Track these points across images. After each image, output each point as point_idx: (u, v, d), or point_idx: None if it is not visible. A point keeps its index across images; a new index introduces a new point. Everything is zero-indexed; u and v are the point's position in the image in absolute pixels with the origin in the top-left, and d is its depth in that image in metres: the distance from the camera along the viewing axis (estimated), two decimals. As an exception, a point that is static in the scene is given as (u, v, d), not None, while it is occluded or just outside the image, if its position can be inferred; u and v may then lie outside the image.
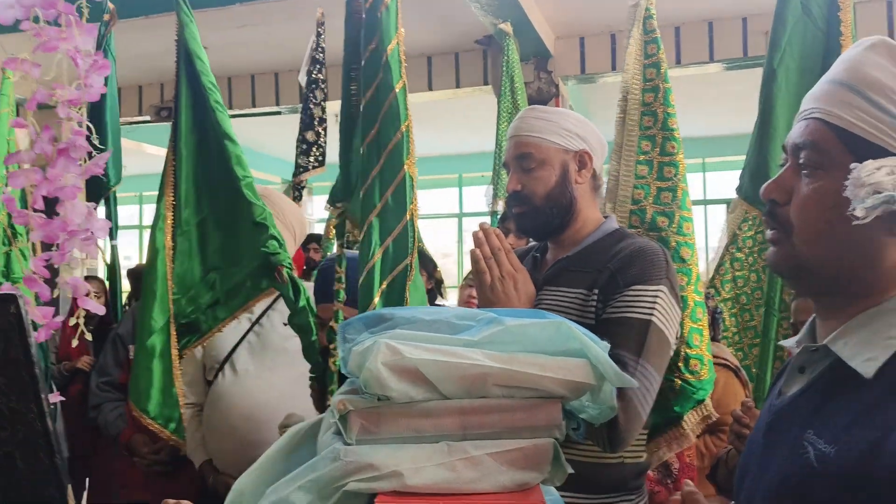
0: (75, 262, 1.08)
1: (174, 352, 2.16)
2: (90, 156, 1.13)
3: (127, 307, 3.56)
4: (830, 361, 0.86)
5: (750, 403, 1.72)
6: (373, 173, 1.79)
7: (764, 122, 2.13)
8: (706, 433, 2.58)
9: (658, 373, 1.42)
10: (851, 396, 0.80)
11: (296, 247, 2.48)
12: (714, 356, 2.66)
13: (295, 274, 2.09)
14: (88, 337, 1.10)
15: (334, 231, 2.04)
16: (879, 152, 0.78)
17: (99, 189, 3.09)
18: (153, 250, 2.18)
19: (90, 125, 1.15)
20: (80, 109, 1.13)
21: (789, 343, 0.94)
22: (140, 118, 6.66)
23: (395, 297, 1.76)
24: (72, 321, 1.13)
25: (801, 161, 0.86)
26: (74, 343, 1.15)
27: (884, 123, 0.79)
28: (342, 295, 1.91)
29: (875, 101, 0.79)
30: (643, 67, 2.13)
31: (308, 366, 2.25)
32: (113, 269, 3.32)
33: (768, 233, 0.91)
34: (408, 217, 1.79)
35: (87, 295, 1.09)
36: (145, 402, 2.15)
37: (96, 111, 3.02)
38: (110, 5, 3.18)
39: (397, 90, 1.81)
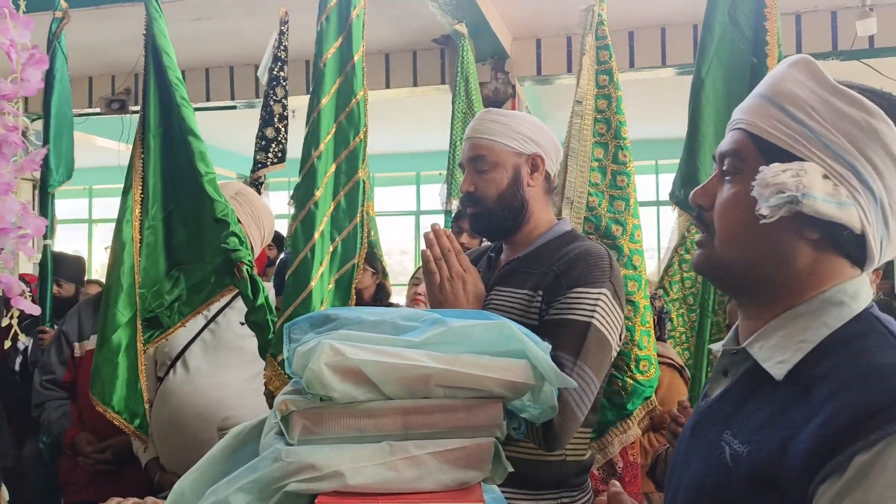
0: (8, 259, 1.05)
1: (139, 346, 2.14)
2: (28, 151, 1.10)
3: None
4: (749, 364, 0.89)
5: (686, 403, 1.77)
6: (328, 173, 1.80)
7: (693, 130, 2.18)
8: (650, 430, 2.64)
9: (595, 374, 1.44)
10: (765, 398, 0.84)
11: (262, 246, 2.46)
12: (660, 355, 2.72)
13: (255, 272, 2.08)
14: (22, 338, 1.07)
15: None
16: (788, 157, 0.83)
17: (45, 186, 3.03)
18: (120, 243, 2.15)
19: (26, 119, 1.12)
20: (16, 104, 1.10)
21: (715, 347, 0.97)
22: (91, 110, 6.50)
23: (342, 294, 1.80)
24: (4, 321, 1.10)
25: (724, 168, 0.91)
26: (7, 344, 1.12)
27: (795, 132, 0.83)
28: None
29: (789, 112, 0.83)
30: (595, 73, 2.16)
31: (263, 366, 2.24)
32: (44, 267, 3.23)
33: (697, 236, 0.95)
34: (358, 219, 1.83)
35: (22, 294, 1.06)
36: (110, 396, 2.12)
37: (46, 106, 3.03)
38: (63, 3, 3.09)
39: (359, 97, 1.83)
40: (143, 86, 2.26)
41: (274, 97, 3.42)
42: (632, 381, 1.97)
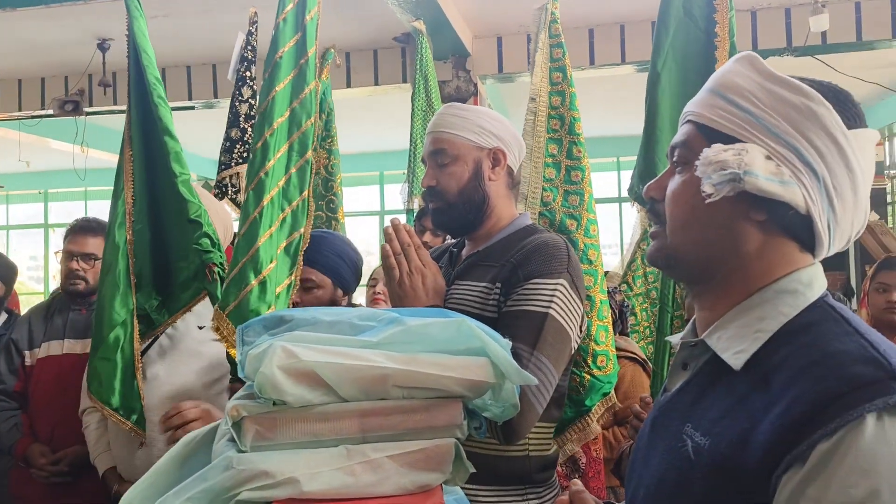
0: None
1: (136, 344, 2.13)
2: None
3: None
4: (709, 356, 0.89)
5: (648, 399, 1.78)
6: (281, 150, 1.93)
7: (650, 125, 2.18)
8: (614, 425, 2.65)
9: (554, 365, 1.43)
10: (725, 389, 0.84)
11: (224, 245, 2.41)
12: (622, 349, 2.74)
13: (225, 272, 2.06)
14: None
15: None
16: (732, 141, 0.85)
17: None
18: (113, 247, 2.15)
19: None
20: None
21: (674, 340, 0.97)
22: (43, 112, 6.34)
23: (291, 260, 1.92)
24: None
25: (674, 160, 0.93)
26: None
27: (736, 117, 0.86)
28: None
29: (732, 101, 0.86)
30: (549, 71, 2.16)
31: (224, 370, 2.19)
32: None
33: (651, 229, 0.96)
34: (306, 195, 1.96)
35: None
36: (108, 394, 2.10)
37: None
38: None
39: (311, 87, 1.98)
40: (128, 86, 2.27)
41: (240, 97, 3.36)
42: (589, 377, 1.96)
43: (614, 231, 10.40)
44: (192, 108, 6.26)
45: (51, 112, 6.13)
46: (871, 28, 4.92)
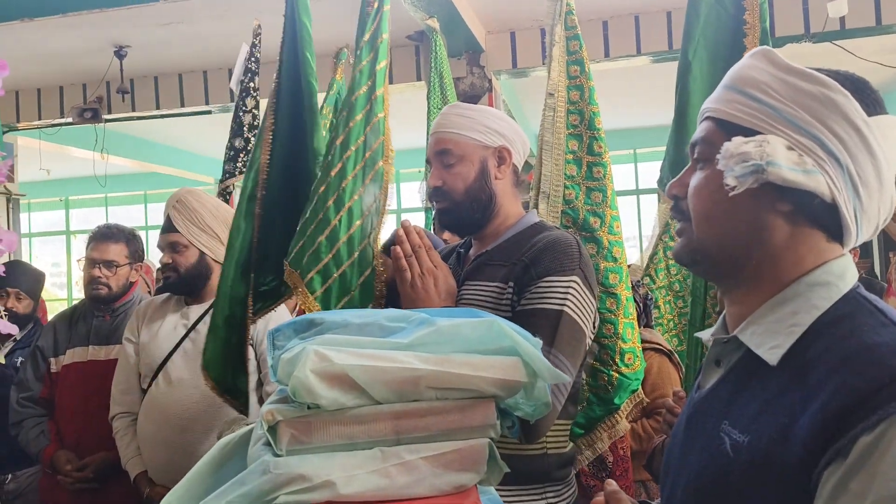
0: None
1: (249, 324, 2.09)
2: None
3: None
4: (742, 352, 0.88)
5: (681, 393, 1.76)
6: (357, 168, 1.92)
7: (681, 115, 2.13)
8: (643, 417, 2.64)
9: (571, 362, 1.43)
10: (761, 385, 0.83)
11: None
12: (648, 341, 2.72)
13: None
14: (1, 360, 1.03)
15: None
16: (751, 133, 0.85)
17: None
18: (240, 217, 2.09)
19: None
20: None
21: (704, 336, 0.96)
22: (62, 120, 6.41)
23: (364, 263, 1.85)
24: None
25: (695, 157, 0.93)
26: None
27: (754, 110, 0.86)
28: None
29: (749, 94, 0.87)
30: (567, 65, 2.13)
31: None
32: None
33: (676, 226, 0.96)
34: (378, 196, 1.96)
35: (-8, 313, 1.02)
36: (211, 368, 2.07)
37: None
38: None
39: (380, 116, 1.98)
40: (280, 54, 2.21)
41: (243, 108, 3.40)
42: (618, 375, 1.94)
43: (633, 223, 10.35)
44: (209, 112, 6.30)
45: (70, 120, 6.20)
46: (891, 12, 4.85)
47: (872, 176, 0.83)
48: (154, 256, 3.30)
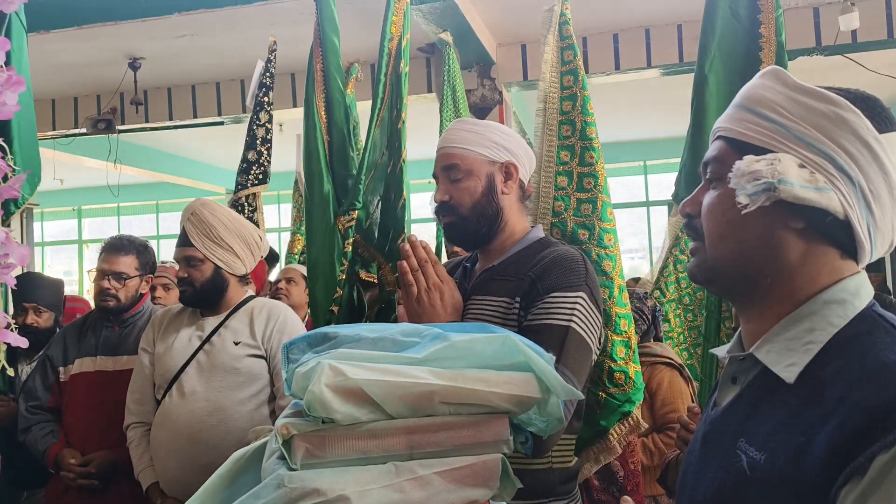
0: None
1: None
2: (6, 177, 1.08)
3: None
4: (759, 369, 0.88)
5: (696, 409, 1.75)
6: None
7: (697, 128, 2.12)
8: (653, 431, 2.63)
9: (577, 377, 1.43)
10: (778, 402, 0.83)
11: (257, 260, 2.45)
12: (658, 355, 2.71)
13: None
14: (10, 372, 1.04)
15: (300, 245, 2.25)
16: (762, 152, 0.86)
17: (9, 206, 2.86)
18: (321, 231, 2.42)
19: (4, 145, 1.09)
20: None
21: (720, 353, 0.96)
22: (76, 131, 6.47)
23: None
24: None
25: (708, 176, 0.93)
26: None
27: (766, 129, 0.87)
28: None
29: (760, 113, 0.87)
30: (560, 74, 2.10)
31: (261, 385, 2.22)
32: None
33: (690, 245, 0.97)
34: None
35: (7, 327, 1.03)
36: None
37: (4, 124, 2.70)
38: None
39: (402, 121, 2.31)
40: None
41: (257, 121, 3.44)
42: (604, 395, 1.86)
43: (643, 235, 10.33)
44: (221, 123, 6.35)
45: (84, 131, 6.26)
46: (903, 25, 4.85)
47: (885, 192, 0.83)
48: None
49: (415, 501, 0.83)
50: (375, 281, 2.42)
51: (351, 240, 2.41)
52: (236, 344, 2.23)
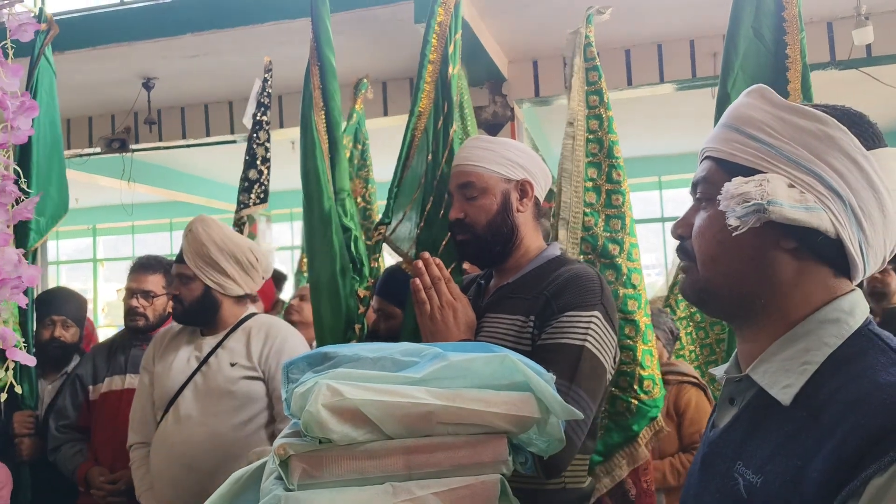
0: (5, 311, 1.03)
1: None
2: (17, 200, 1.08)
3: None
4: (755, 390, 0.87)
5: None
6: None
7: None
8: (680, 451, 2.62)
9: (591, 398, 1.41)
10: (774, 425, 0.82)
11: (265, 278, 2.44)
12: (683, 373, 2.72)
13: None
14: (18, 390, 1.04)
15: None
16: (751, 172, 0.85)
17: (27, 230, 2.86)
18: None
19: (18, 169, 1.10)
20: (7, 153, 1.08)
21: (717, 373, 0.95)
22: (91, 150, 6.53)
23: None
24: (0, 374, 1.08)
25: (697, 196, 0.93)
26: (3, 397, 1.09)
27: (753, 149, 0.86)
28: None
29: (747, 133, 0.87)
30: (586, 94, 2.16)
31: (257, 408, 2.19)
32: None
33: (682, 265, 0.96)
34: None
35: (17, 345, 1.03)
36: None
37: (26, 147, 2.73)
38: (48, 14, 2.78)
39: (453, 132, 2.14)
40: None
41: (257, 141, 3.48)
42: (636, 402, 1.93)
43: (658, 251, 10.28)
44: (234, 141, 6.39)
45: (98, 150, 6.32)
46: (917, 39, 4.82)
47: (875, 209, 0.83)
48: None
49: (412, 523, 0.82)
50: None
51: (378, 255, 2.39)
52: (232, 365, 2.21)
